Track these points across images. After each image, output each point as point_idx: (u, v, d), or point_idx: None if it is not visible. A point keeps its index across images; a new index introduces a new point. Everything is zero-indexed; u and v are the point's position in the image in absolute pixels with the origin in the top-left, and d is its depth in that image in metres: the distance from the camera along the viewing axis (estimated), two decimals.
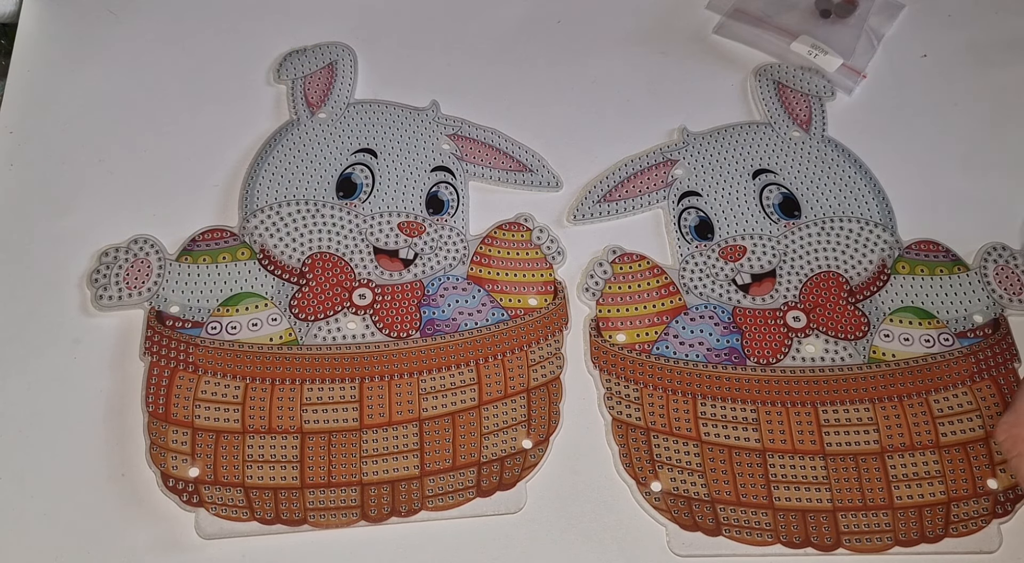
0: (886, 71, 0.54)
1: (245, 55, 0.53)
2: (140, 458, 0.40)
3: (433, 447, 0.41)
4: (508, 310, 0.44)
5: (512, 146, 0.50)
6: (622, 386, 0.43)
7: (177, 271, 0.44)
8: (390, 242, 0.46)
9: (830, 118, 0.52)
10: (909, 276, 0.46)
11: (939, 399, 0.42)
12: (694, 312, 0.45)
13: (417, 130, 0.50)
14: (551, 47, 0.55)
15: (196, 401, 0.41)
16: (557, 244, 0.47)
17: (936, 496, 0.40)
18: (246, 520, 0.39)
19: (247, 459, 0.40)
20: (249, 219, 0.46)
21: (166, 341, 0.42)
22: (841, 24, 0.55)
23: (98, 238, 0.45)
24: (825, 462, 0.41)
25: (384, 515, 0.40)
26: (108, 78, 0.52)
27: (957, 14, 0.57)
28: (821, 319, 0.44)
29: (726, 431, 0.42)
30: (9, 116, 0.50)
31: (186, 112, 0.51)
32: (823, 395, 0.42)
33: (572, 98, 0.53)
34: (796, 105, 0.52)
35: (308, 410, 0.41)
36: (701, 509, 0.40)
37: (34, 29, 0.53)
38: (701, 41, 0.55)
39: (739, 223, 0.47)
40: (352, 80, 0.52)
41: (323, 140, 0.49)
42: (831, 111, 0.52)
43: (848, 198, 0.48)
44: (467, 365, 0.43)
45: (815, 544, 0.39)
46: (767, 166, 0.49)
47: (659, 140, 0.51)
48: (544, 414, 0.42)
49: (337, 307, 0.44)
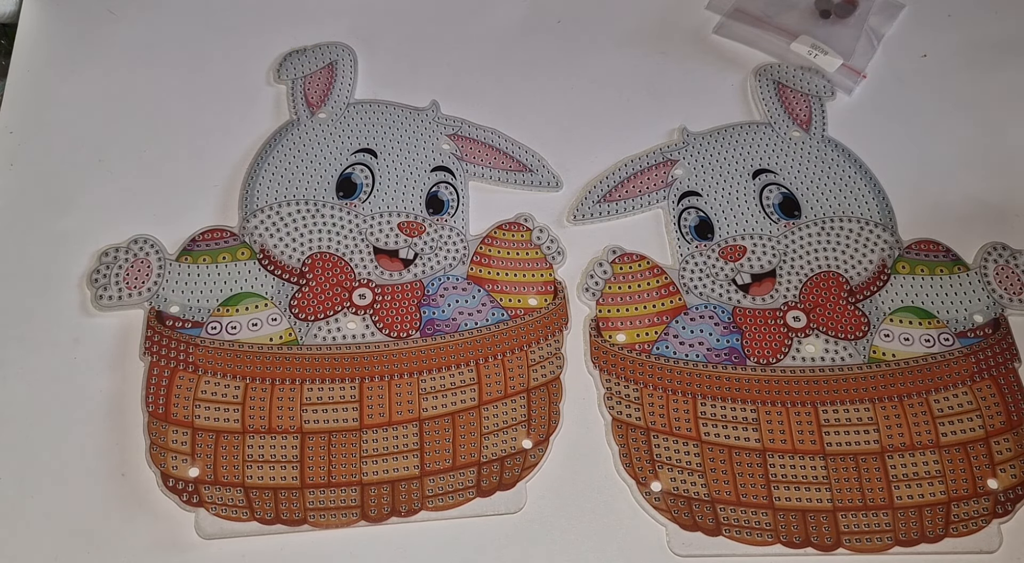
0: (886, 71, 0.54)
1: (245, 55, 0.53)
2: (140, 458, 0.40)
3: (433, 447, 0.41)
4: (508, 310, 0.44)
5: (512, 146, 0.50)
6: (622, 386, 0.43)
7: (177, 271, 0.44)
8: (390, 242, 0.46)
9: (830, 118, 0.52)
10: (909, 276, 0.46)
11: (939, 399, 0.42)
12: (694, 312, 0.45)
13: (417, 130, 0.50)
14: (551, 47, 0.55)
15: (196, 401, 0.41)
16: (557, 244, 0.47)
17: (936, 496, 0.40)
18: (246, 520, 0.39)
19: (247, 459, 0.40)
20: (249, 219, 0.46)
21: (166, 341, 0.42)
22: (841, 24, 0.55)
23: (98, 238, 0.45)
24: (825, 462, 0.41)
25: (384, 515, 0.39)
26: (108, 78, 0.52)
27: (957, 14, 0.57)
28: (821, 319, 0.44)
29: (726, 431, 0.42)
30: (9, 116, 0.50)
31: (186, 112, 0.51)
32: (823, 395, 0.42)
33: (572, 98, 0.53)
34: (796, 105, 0.52)
35: (308, 410, 0.41)
36: (701, 509, 0.40)
37: (34, 29, 0.53)
38: (701, 41, 0.55)
39: (739, 223, 0.47)
40: (352, 80, 0.52)
41: (323, 140, 0.49)
42: (831, 111, 0.52)
43: (848, 198, 0.48)
44: (467, 365, 0.43)
45: (815, 544, 0.39)
46: (767, 166, 0.49)
47: (659, 140, 0.51)
48: (544, 414, 0.42)
49: (337, 307, 0.44)
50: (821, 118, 0.51)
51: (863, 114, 0.52)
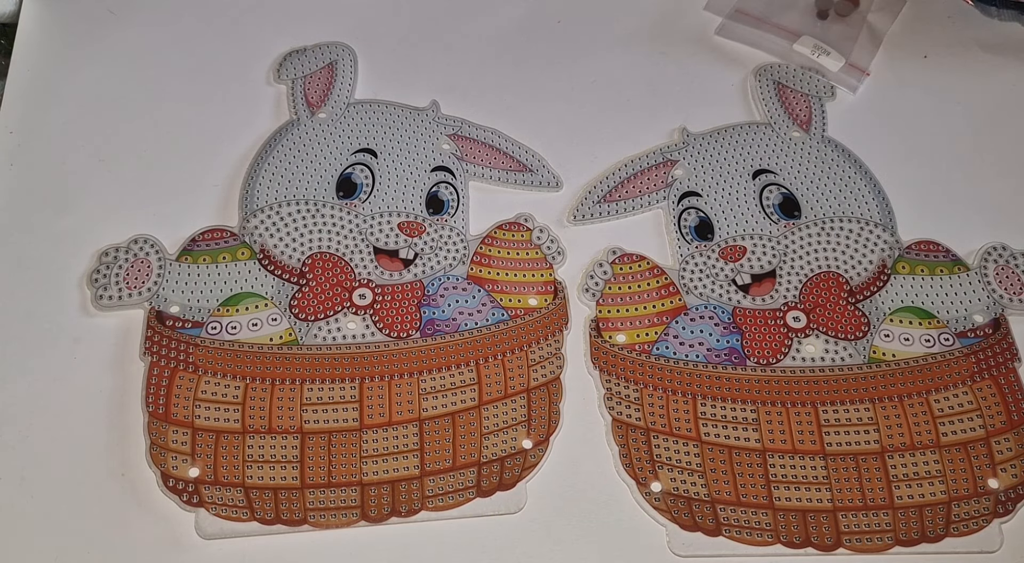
0: (887, 71, 0.54)
1: (245, 55, 0.53)
2: (140, 458, 0.40)
3: (433, 447, 0.41)
4: (508, 310, 0.44)
5: (512, 146, 0.50)
6: (622, 386, 0.43)
7: (177, 271, 0.44)
8: (390, 242, 0.46)
9: (830, 118, 0.52)
10: (909, 276, 0.46)
11: (939, 399, 0.42)
12: (694, 312, 0.45)
13: (417, 130, 0.50)
14: (551, 47, 0.55)
15: (196, 401, 0.41)
16: (557, 244, 0.47)
17: (937, 496, 0.40)
18: (246, 520, 0.39)
19: (247, 459, 0.40)
20: (249, 219, 0.46)
21: (166, 341, 0.42)
22: (842, 23, 0.55)
23: (98, 238, 0.45)
24: (825, 462, 0.41)
25: (384, 515, 0.39)
26: (108, 78, 0.52)
27: (957, 14, 0.57)
28: (821, 319, 0.44)
29: (726, 431, 0.42)
30: (9, 116, 0.50)
31: (186, 112, 0.51)
32: (823, 395, 0.42)
33: (572, 98, 0.53)
34: (796, 105, 0.52)
35: (308, 410, 0.41)
36: (701, 509, 0.40)
37: (34, 29, 0.53)
38: (701, 41, 0.55)
39: (739, 223, 0.47)
40: (352, 80, 0.52)
41: (323, 140, 0.49)
42: (831, 111, 0.52)
43: (848, 198, 0.48)
44: (467, 365, 0.43)
45: (815, 544, 0.39)
46: (767, 166, 0.49)
47: (659, 140, 0.51)
48: (544, 414, 0.42)
49: (337, 307, 0.44)
50: (821, 118, 0.51)
51: (863, 114, 0.52)
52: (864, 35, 0.55)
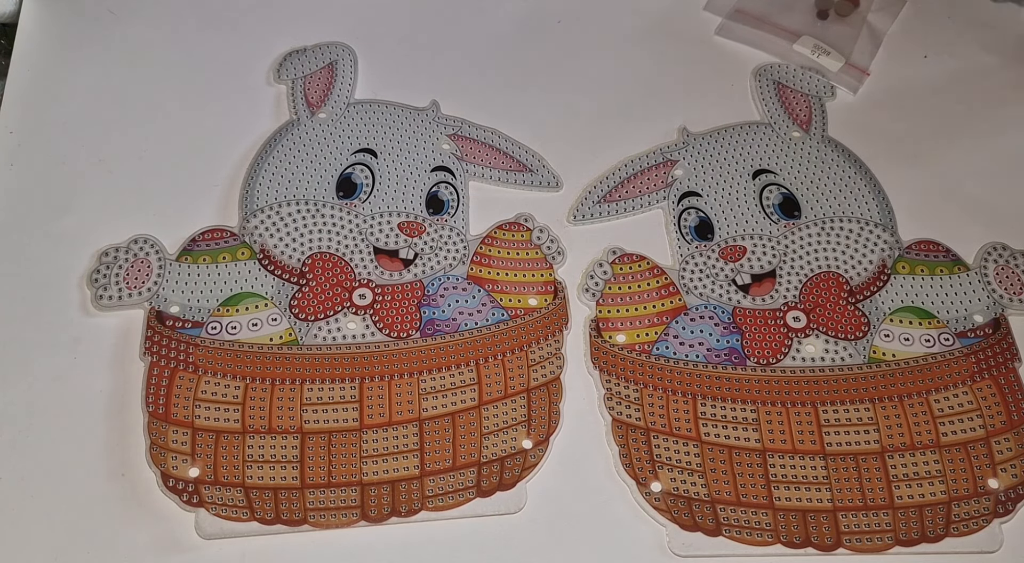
0: (887, 71, 0.54)
1: (245, 55, 0.53)
2: (140, 458, 0.40)
3: (433, 447, 0.41)
4: (508, 310, 0.44)
5: (512, 146, 0.50)
6: (622, 386, 0.43)
7: (177, 271, 0.44)
8: (390, 242, 0.46)
9: (830, 118, 0.52)
10: (909, 276, 0.46)
11: (939, 399, 0.42)
12: (694, 312, 0.45)
13: (417, 130, 0.50)
14: (551, 47, 0.55)
15: (196, 401, 0.41)
16: (557, 244, 0.47)
17: (937, 496, 0.40)
18: (246, 520, 0.39)
19: (247, 459, 0.40)
20: (249, 219, 0.46)
21: (166, 341, 0.42)
22: (842, 23, 0.55)
23: (98, 238, 0.45)
24: (825, 462, 0.41)
25: (384, 515, 0.39)
26: (108, 78, 0.52)
27: (957, 14, 0.57)
28: (821, 319, 0.44)
29: (726, 431, 0.42)
30: (9, 116, 0.50)
31: (186, 112, 0.51)
32: (823, 395, 0.42)
33: (572, 98, 0.53)
34: (796, 105, 0.52)
35: (308, 410, 0.41)
36: (701, 509, 0.40)
37: (34, 29, 0.53)
38: (701, 41, 0.55)
39: (739, 223, 0.47)
40: (352, 80, 0.52)
41: (323, 140, 0.49)
42: (831, 111, 0.52)
43: (848, 198, 0.48)
44: (467, 365, 0.43)
45: (815, 544, 0.39)
46: (767, 166, 0.49)
47: (659, 140, 0.51)
48: (544, 414, 0.42)
49: (337, 307, 0.44)
50: (821, 118, 0.51)
51: (863, 114, 0.52)
52: (864, 35, 0.55)
